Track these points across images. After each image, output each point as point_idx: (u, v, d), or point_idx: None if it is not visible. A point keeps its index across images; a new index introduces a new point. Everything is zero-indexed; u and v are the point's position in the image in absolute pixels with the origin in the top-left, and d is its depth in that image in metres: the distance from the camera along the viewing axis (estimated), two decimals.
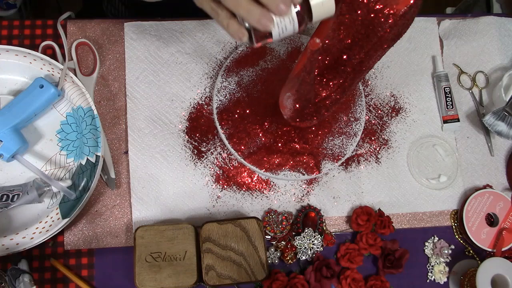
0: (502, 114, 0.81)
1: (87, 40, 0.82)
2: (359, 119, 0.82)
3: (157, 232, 0.71)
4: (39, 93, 0.72)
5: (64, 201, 0.71)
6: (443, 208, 0.83)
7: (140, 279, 0.68)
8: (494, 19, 0.91)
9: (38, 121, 0.76)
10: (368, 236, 0.77)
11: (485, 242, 0.80)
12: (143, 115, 0.81)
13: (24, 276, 0.66)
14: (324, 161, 0.79)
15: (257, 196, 0.80)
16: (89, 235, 0.75)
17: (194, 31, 0.85)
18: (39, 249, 0.74)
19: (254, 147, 0.78)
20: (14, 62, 0.75)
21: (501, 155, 0.87)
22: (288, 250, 0.77)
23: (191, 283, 0.69)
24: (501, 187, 0.85)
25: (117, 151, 0.79)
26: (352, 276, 0.75)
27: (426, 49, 0.90)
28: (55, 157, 0.75)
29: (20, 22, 0.83)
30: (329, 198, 0.81)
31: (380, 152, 0.84)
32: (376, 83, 0.87)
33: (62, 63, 0.79)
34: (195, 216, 0.78)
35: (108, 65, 0.82)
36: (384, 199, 0.82)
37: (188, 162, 0.79)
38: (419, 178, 0.83)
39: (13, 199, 0.69)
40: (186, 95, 0.82)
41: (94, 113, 0.74)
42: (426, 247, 0.81)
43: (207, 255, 0.70)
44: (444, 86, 0.86)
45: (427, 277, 0.80)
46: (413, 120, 0.86)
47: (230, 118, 0.79)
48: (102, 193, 0.77)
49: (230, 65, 0.82)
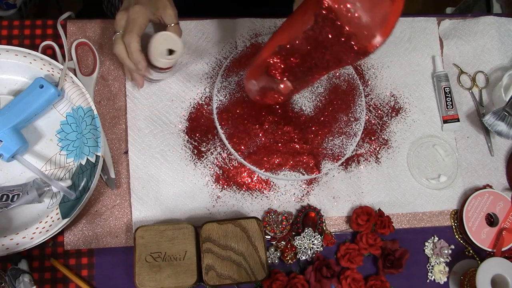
0: (502, 114, 0.81)
1: (87, 40, 0.82)
2: (359, 119, 0.82)
3: (157, 232, 0.71)
4: (39, 93, 0.72)
5: (64, 201, 0.71)
6: (443, 208, 0.83)
7: (140, 279, 0.68)
8: (494, 19, 0.91)
9: (38, 121, 0.76)
10: (368, 236, 0.77)
11: (485, 242, 0.80)
12: (143, 115, 0.81)
13: (24, 276, 0.66)
14: (324, 161, 0.79)
15: (257, 196, 0.80)
16: (89, 235, 0.75)
17: (194, 31, 0.85)
18: (39, 249, 0.74)
19: (254, 147, 0.78)
20: (14, 62, 0.75)
21: (501, 155, 0.87)
22: (288, 250, 0.77)
23: (191, 283, 0.69)
24: (501, 187, 0.85)
25: (117, 151, 0.79)
26: (352, 276, 0.75)
27: (426, 49, 0.90)
28: (55, 157, 0.75)
29: (20, 22, 0.83)
30: (329, 198, 0.81)
31: (380, 152, 0.84)
32: (376, 83, 0.87)
33: (62, 63, 0.79)
34: (195, 216, 0.78)
35: (108, 65, 0.82)
36: (384, 199, 0.82)
37: (188, 162, 0.79)
38: (419, 178, 0.83)
39: (13, 199, 0.69)
40: (186, 95, 0.82)
41: (94, 113, 0.74)
42: (426, 247, 0.81)
43: (207, 255, 0.70)
44: (444, 86, 0.86)
45: (427, 277, 0.80)
46: (413, 120, 0.86)
47: (230, 118, 0.79)
48: (102, 193, 0.77)
49: (230, 65, 0.82)
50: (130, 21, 0.70)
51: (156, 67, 0.74)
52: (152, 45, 0.71)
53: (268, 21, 0.87)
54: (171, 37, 0.72)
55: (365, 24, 0.53)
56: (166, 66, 0.74)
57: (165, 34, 0.72)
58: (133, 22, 0.70)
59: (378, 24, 0.54)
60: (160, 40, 0.71)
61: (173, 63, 0.74)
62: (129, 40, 0.70)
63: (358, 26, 0.54)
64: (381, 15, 0.54)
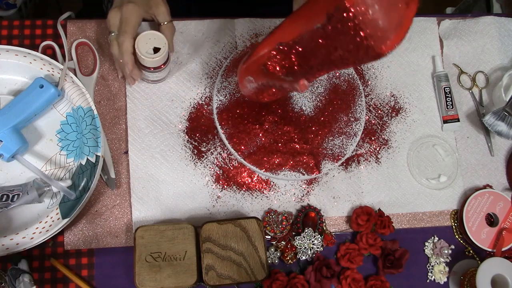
0: (502, 114, 0.81)
1: (87, 40, 0.82)
2: (359, 119, 0.82)
3: (157, 232, 0.71)
4: (39, 93, 0.72)
5: (64, 201, 0.71)
6: (443, 208, 0.83)
7: (140, 279, 0.68)
8: (494, 19, 0.91)
9: (38, 121, 0.76)
10: (368, 236, 0.77)
11: (485, 242, 0.80)
12: (143, 115, 0.81)
13: (24, 276, 0.66)
14: (324, 161, 0.79)
15: (257, 196, 0.80)
16: (89, 235, 0.75)
17: (194, 31, 0.85)
18: (39, 249, 0.74)
19: (254, 147, 0.78)
20: (14, 62, 0.75)
21: (501, 155, 0.87)
22: (288, 250, 0.77)
23: (191, 283, 0.69)
24: (501, 187, 0.85)
25: (117, 151, 0.79)
26: (352, 276, 0.75)
27: (426, 49, 0.90)
28: (55, 157, 0.75)
29: (20, 22, 0.83)
30: (329, 198, 0.81)
31: (380, 152, 0.84)
32: (376, 83, 0.87)
33: (62, 63, 0.79)
34: (195, 216, 0.78)
35: (108, 65, 0.82)
36: (384, 199, 0.82)
37: (188, 162, 0.79)
38: (419, 178, 0.83)
39: (13, 199, 0.69)
40: (186, 95, 0.82)
41: (94, 113, 0.74)
42: (426, 247, 0.81)
43: (207, 255, 0.70)
44: (444, 86, 0.86)
45: (427, 277, 0.80)
46: (413, 120, 0.86)
47: (230, 118, 0.79)
48: (102, 193, 0.77)
49: (230, 65, 0.82)
50: (123, 20, 0.71)
51: (146, 67, 0.74)
52: (138, 45, 0.71)
53: (268, 21, 0.87)
54: (156, 35, 0.72)
55: (381, 27, 0.53)
56: (155, 65, 0.74)
57: (150, 33, 0.72)
58: (126, 21, 0.71)
59: (394, 27, 0.54)
60: (145, 39, 0.72)
61: (161, 62, 0.74)
62: (122, 40, 0.70)
63: (374, 28, 0.53)
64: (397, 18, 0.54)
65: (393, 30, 0.54)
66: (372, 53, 0.56)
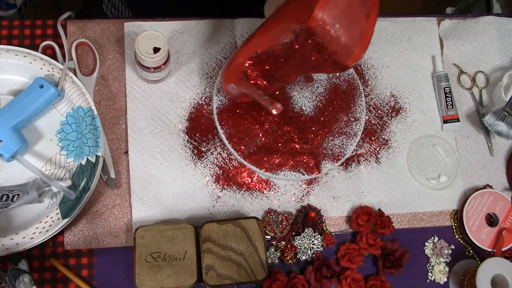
0: (502, 114, 0.81)
1: (87, 40, 0.82)
2: (359, 119, 0.82)
3: (157, 232, 0.71)
4: (39, 93, 0.72)
5: (64, 201, 0.71)
6: (443, 208, 0.83)
7: (140, 279, 0.68)
8: (494, 19, 0.91)
9: (38, 121, 0.76)
10: (368, 236, 0.77)
11: (485, 242, 0.80)
12: (143, 115, 0.81)
13: (24, 276, 0.66)
14: (324, 161, 0.79)
15: (257, 196, 0.80)
16: (89, 235, 0.75)
17: (194, 31, 0.85)
18: (39, 249, 0.74)
19: (254, 147, 0.78)
20: (14, 62, 0.75)
21: (501, 155, 0.87)
22: (288, 250, 0.77)
23: (191, 283, 0.69)
24: (501, 187, 0.85)
25: (117, 151, 0.79)
26: (352, 276, 0.75)
27: (426, 49, 0.90)
28: (55, 157, 0.75)
29: (20, 22, 0.83)
30: (329, 198, 0.81)
31: (380, 152, 0.84)
32: (376, 83, 0.87)
33: (62, 63, 0.79)
34: (195, 216, 0.78)
35: (108, 65, 0.82)
36: (384, 199, 0.82)
37: (188, 162, 0.79)
38: (419, 178, 0.83)
39: (13, 199, 0.69)
40: (186, 95, 0.82)
41: (94, 113, 0.74)
42: (426, 247, 0.81)
43: (207, 255, 0.70)
44: (444, 86, 0.86)
45: (427, 277, 0.80)
46: (413, 120, 0.86)
47: (230, 118, 0.79)
48: (102, 193, 0.77)
49: None
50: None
51: (146, 67, 0.74)
52: (138, 45, 0.72)
53: None
54: (156, 35, 0.73)
55: (344, 44, 0.56)
56: (155, 65, 0.74)
57: (150, 33, 0.73)
58: None
59: (356, 42, 0.57)
60: (145, 39, 0.72)
61: (161, 62, 0.74)
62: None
63: (338, 45, 0.56)
64: (359, 31, 0.56)
65: (356, 44, 0.57)
66: (339, 66, 0.59)
